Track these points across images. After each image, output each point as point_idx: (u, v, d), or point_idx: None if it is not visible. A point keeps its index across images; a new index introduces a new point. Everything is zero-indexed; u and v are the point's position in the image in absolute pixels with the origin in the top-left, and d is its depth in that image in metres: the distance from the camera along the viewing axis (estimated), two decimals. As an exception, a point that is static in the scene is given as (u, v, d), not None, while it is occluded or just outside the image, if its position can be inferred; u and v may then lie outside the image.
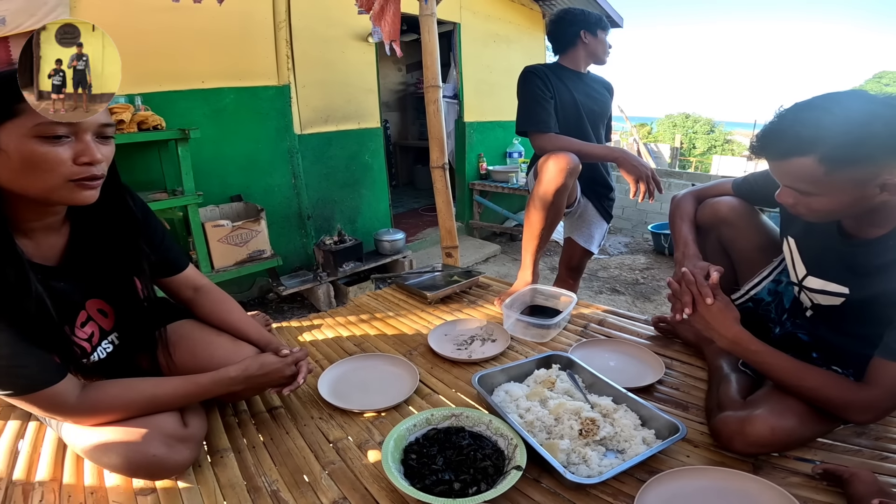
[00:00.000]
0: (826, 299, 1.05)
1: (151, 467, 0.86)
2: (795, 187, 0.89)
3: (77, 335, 0.87)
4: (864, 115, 0.81)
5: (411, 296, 1.90)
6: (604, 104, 2.04)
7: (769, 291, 1.27)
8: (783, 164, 0.88)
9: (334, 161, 3.43)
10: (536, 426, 1.01)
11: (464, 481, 0.85)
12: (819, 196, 0.87)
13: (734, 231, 1.30)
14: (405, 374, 1.28)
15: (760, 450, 0.95)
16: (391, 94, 6.11)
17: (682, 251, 1.28)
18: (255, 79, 2.92)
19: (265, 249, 2.81)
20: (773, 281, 1.26)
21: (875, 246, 0.94)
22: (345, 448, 1.01)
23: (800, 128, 0.84)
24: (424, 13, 2.11)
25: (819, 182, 0.84)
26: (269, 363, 1.01)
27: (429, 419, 1.01)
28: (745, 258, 1.31)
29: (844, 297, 1.00)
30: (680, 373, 1.32)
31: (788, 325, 1.23)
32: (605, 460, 0.94)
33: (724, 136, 20.83)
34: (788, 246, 1.14)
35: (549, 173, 1.66)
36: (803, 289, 1.11)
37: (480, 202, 4.66)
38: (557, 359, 1.26)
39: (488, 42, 4.51)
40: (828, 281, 1.03)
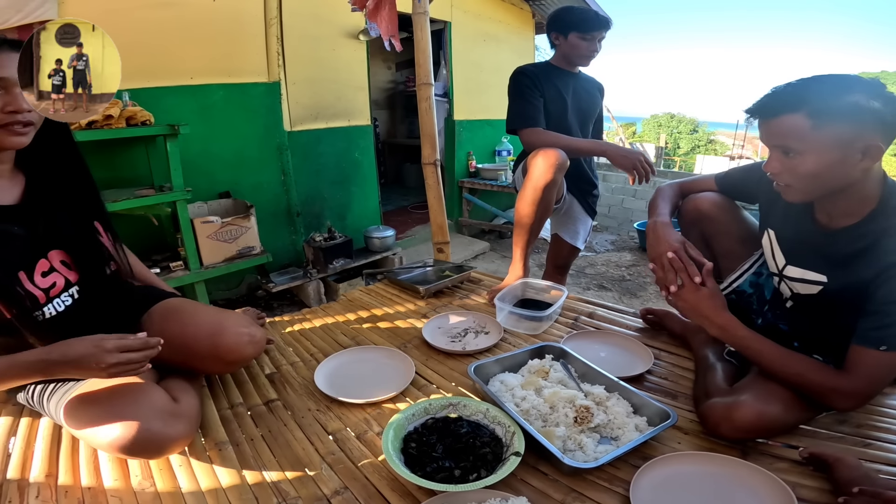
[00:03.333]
0: (805, 288, 1.09)
1: (149, 443, 0.86)
2: (784, 145, 0.92)
3: (36, 283, 0.89)
4: (848, 81, 0.88)
5: (403, 290, 1.91)
6: (592, 104, 2.08)
7: (751, 283, 1.31)
8: (773, 124, 0.92)
9: (324, 158, 3.42)
10: (532, 414, 1.03)
11: (464, 468, 0.86)
12: (805, 155, 0.90)
13: (716, 226, 1.34)
14: (401, 365, 1.29)
15: (747, 435, 0.98)
16: (380, 92, 6.10)
17: (653, 219, 1.28)
18: (245, 75, 2.89)
19: (255, 246, 2.80)
20: (754, 273, 1.30)
21: (846, 235, 0.98)
22: (344, 439, 1.02)
23: (791, 89, 0.91)
24: (417, 11, 2.12)
25: (806, 138, 0.89)
26: (76, 350, 0.83)
27: (427, 408, 1.02)
28: (726, 251, 1.35)
29: (822, 285, 1.04)
30: (668, 363, 1.36)
31: (769, 315, 1.27)
32: (600, 447, 0.97)
33: (707, 136, 21.16)
34: (768, 238, 1.18)
35: (539, 169, 1.68)
36: (784, 278, 1.15)
37: (469, 200, 4.68)
38: (550, 349, 1.28)
39: (478, 41, 4.53)
40: (806, 269, 1.07)
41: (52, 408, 0.95)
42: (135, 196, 2.26)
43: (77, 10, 2.17)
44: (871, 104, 0.85)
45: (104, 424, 0.85)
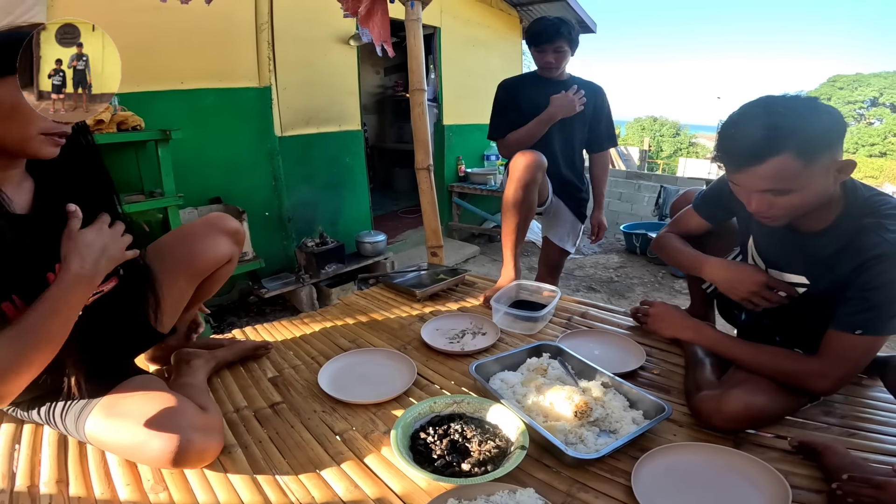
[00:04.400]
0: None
1: (194, 454, 0.90)
2: (773, 188, 0.92)
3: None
4: (810, 109, 0.90)
5: (399, 294, 1.93)
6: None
7: None
8: (759, 169, 0.91)
9: (315, 163, 3.43)
10: (534, 410, 1.07)
11: (471, 463, 0.89)
12: (797, 191, 0.92)
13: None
14: (402, 366, 1.32)
15: (737, 425, 1.03)
16: (369, 97, 6.11)
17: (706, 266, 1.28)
18: (236, 80, 2.89)
19: (247, 252, 2.79)
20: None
21: (821, 238, 1.03)
22: (351, 438, 1.04)
23: (766, 131, 0.89)
24: (410, 18, 2.15)
25: (798, 176, 0.90)
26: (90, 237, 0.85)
27: (432, 407, 1.05)
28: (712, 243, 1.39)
29: (805, 287, 1.09)
30: (659, 359, 1.40)
31: (753, 311, 1.31)
32: (600, 439, 1.00)
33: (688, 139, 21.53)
34: (750, 243, 1.23)
35: (518, 170, 1.77)
36: None
37: (459, 204, 4.71)
38: (547, 348, 1.32)
39: (467, 46, 4.59)
40: (785, 273, 1.13)
41: (71, 424, 0.96)
42: (125, 202, 2.24)
43: (66, 13, 2.16)
44: (835, 124, 0.90)
45: (145, 440, 0.88)
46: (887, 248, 0.92)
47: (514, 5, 4.91)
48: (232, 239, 1.25)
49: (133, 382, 1.01)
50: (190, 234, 1.21)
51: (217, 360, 1.33)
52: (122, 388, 0.98)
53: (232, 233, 1.25)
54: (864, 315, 0.96)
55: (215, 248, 1.20)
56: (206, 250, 1.18)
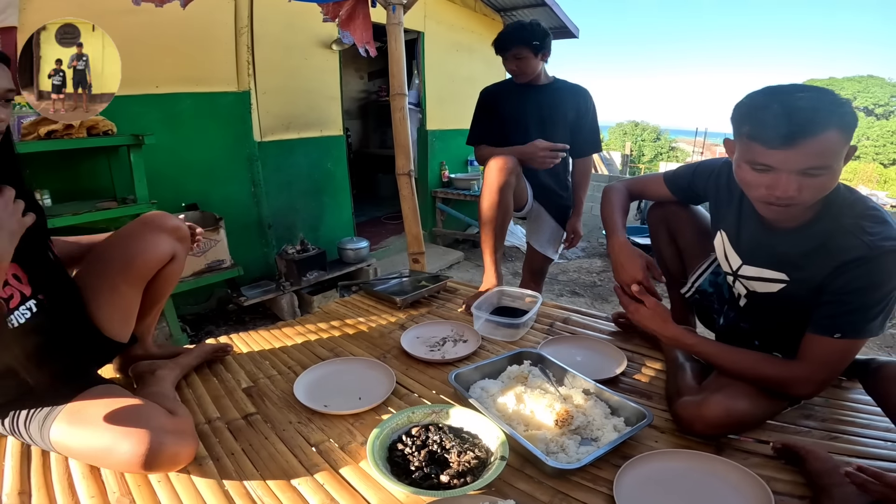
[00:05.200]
0: (763, 286, 1.13)
1: (165, 459, 0.87)
2: (816, 165, 0.87)
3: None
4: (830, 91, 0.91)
5: (380, 301, 1.91)
6: (557, 112, 2.07)
7: (710, 283, 1.37)
8: (813, 143, 0.85)
9: (295, 169, 3.38)
10: (514, 419, 1.05)
11: (450, 474, 0.87)
12: (830, 173, 0.88)
13: (678, 220, 1.41)
14: (381, 376, 1.29)
15: (718, 430, 1.02)
16: (352, 102, 6.08)
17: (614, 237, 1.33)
18: (214, 84, 2.84)
19: (224, 259, 2.73)
20: (712, 273, 1.36)
21: (796, 235, 1.03)
22: (327, 450, 1.01)
23: (820, 104, 0.86)
24: (391, 22, 2.14)
25: (838, 155, 0.87)
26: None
27: (410, 417, 1.02)
28: (689, 247, 1.40)
29: (783, 283, 1.08)
30: (641, 364, 1.40)
31: (731, 315, 1.32)
32: (581, 448, 0.99)
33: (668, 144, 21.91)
34: (721, 238, 1.22)
35: (491, 174, 1.82)
36: (738, 278, 1.19)
37: (443, 209, 4.70)
38: (528, 355, 1.30)
39: (451, 51, 4.59)
40: (762, 268, 1.11)
41: (35, 432, 0.93)
42: (96, 209, 2.18)
43: (38, 16, 2.08)
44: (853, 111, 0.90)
45: (117, 445, 0.85)
46: (866, 252, 0.92)
47: (497, 10, 4.94)
48: (172, 236, 1.20)
49: (97, 390, 0.98)
50: (125, 235, 1.15)
51: (181, 367, 1.29)
52: (85, 395, 0.95)
53: (171, 230, 1.20)
54: (842, 319, 0.95)
55: (154, 248, 1.16)
56: (144, 251, 1.14)
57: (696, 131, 15.07)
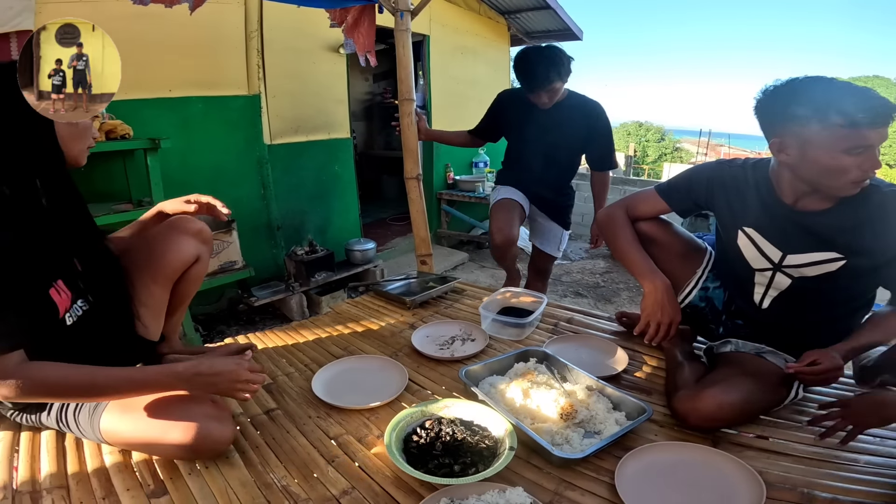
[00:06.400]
0: (816, 269, 1.13)
1: (212, 444, 0.95)
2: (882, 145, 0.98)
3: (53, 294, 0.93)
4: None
5: (389, 302, 1.97)
6: (566, 134, 2.04)
7: (700, 298, 1.39)
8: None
9: (304, 171, 3.44)
10: (522, 413, 1.11)
11: (463, 464, 0.93)
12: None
13: (658, 246, 1.39)
14: (394, 372, 1.35)
15: (712, 423, 1.08)
16: (358, 104, 6.09)
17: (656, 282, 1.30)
18: (225, 88, 2.89)
19: (237, 260, 2.80)
20: (701, 289, 1.38)
21: (836, 212, 1.07)
22: (346, 443, 1.07)
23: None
24: (399, 28, 2.20)
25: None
26: (221, 364, 0.95)
27: (424, 411, 1.09)
28: (671, 268, 1.37)
29: (841, 260, 1.09)
30: (642, 362, 1.46)
31: (729, 324, 1.35)
32: (585, 440, 1.05)
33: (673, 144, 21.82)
34: (747, 237, 1.21)
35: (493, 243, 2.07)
36: (781, 269, 1.18)
37: (448, 211, 4.75)
38: (534, 353, 1.36)
39: (456, 54, 4.62)
40: (811, 252, 1.11)
41: (85, 422, 0.99)
42: (113, 211, 2.23)
43: (54, 22, 2.16)
44: None
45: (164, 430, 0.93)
46: None
47: (501, 13, 4.98)
48: (196, 238, 1.28)
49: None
50: (153, 238, 1.23)
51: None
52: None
53: (195, 232, 1.27)
54: None
55: (180, 250, 1.23)
56: (170, 252, 1.21)
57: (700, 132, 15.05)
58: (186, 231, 1.25)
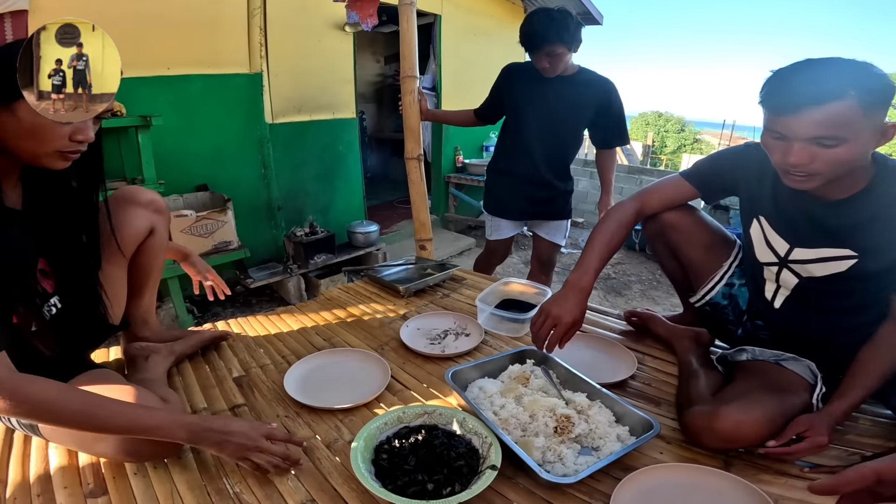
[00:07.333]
0: (824, 268, 1.03)
1: (156, 446, 0.85)
2: (827, 135, 0.84)
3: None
4: (870, 64, 0.85)
5: (384, 289, 1.86)
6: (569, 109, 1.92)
7: (723, 295, 1.28)
8: (817, 111, 0.83)
9: (307, 151, 3.34)
10: (511, 423, 0.99)
11: (437, 482, 0.82)
12: (846, 144, 0.84)
13: (680, 235, 1.29)
14: (376, 369, 1.25)
15: (728, 444, 0.96)
16: (368, 86, 6.00)
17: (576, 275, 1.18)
18: (226, 66, 2.80)
19: (232, 241, 2.72)
20: (725, 285, 1.27)
21: (852, 205, 0.95)
22: (312, 447, 0.97)
23: (831, 73, 0.84)
24: (404, 2, 2.07)
25: (854, 126, 0.82)
26: (236, 424, 0.86)
27: (400, 417, 0.97)
28: (694, 261, 1.29)
29: (853, 258, 0.99)
30: (651, 367, 1.33)
31: (749, 325, 1.24)
32: (580, 458, 0.93)
33: (693, 136, 21.34)
34: (760, 226, 1.12)
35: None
36: (787, 265, 1.09)
37: (456, 195, 4.63)
38: (531, 354, 1.24)
39: (468, 35, 4.47)
40: (820, 248, 1.02)
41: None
42: (105, 189, 2.17)
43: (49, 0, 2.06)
44: (891, 84, 0.84)
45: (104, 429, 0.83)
46: None
47: (517, -6, 4.79)
48: (148, 209, 1.18)
49: (90, 375, 0.96)
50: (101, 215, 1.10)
51: (175, 354, 1.26)
52: (77, 380, 0.92)
53: (146, 203, 1.17)
54: None
55: (130, 223, 1.13)
56: (122, 227, 1.11)
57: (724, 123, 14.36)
58: (135, 201, 1.15)
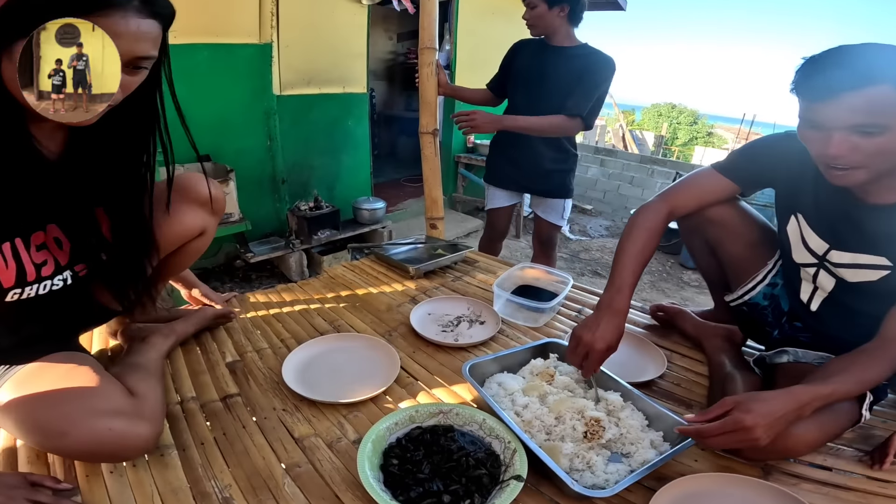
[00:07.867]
0: (857, 274, 0.94)
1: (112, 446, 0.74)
2: (865, 123, 0.77)
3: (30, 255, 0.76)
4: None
5: (391, 269, 1.75)
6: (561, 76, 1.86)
7: (765, 295, 1.18)
8: (855, 96, 0.76)
9: (314, 125, 3.22)
10: (535, 426, 0.89)
11: (455, 493, 0.71)
12: (891, 131, 0.76)
13: (721, 230, 1.17)
14: (384, 358, 1.14)
15: (771, 456, 0.87)
16: (379, 63, 5.86)
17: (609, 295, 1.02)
18: (234, 36, 2.67)
19: (233, 213, 2.61)
20: (768, 285, 1.17)
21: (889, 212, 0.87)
22: (312, 447, 0.86)
23: (869, 58, 0.77)
24: (426, -28, 1.91)
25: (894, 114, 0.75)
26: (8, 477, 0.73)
27: (412, 416, 0.87)
28: (735, 258, 1.19)
29: (888, 269, 0.90)
30: (680, 366, 1.23)
31: (787, 328, 1.15)
32: (610, 466, 0.83)
33: (706, 129, 21.03)
34: (798, 224, 1.03)
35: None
36: (824, 266, 1.00)
37: (465, 175, 4.51)
38: (555, 348, 1.13)
39: (486, 14, 4.31)
40: (858, 253, 0.93)
41: None
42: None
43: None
44: None
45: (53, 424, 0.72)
46: None
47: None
48: (205, 209, 1.05)
49: (60, 356, 0.84)
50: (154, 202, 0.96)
51: (176, 335, 1.15)
52: (47, 359, 0.82)
53: (204, 202, 1.04)
54: None
55: (183, 223, 1.01)
56: (172, 224, 0.98)
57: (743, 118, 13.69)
58: (195, 199, 1.03)
